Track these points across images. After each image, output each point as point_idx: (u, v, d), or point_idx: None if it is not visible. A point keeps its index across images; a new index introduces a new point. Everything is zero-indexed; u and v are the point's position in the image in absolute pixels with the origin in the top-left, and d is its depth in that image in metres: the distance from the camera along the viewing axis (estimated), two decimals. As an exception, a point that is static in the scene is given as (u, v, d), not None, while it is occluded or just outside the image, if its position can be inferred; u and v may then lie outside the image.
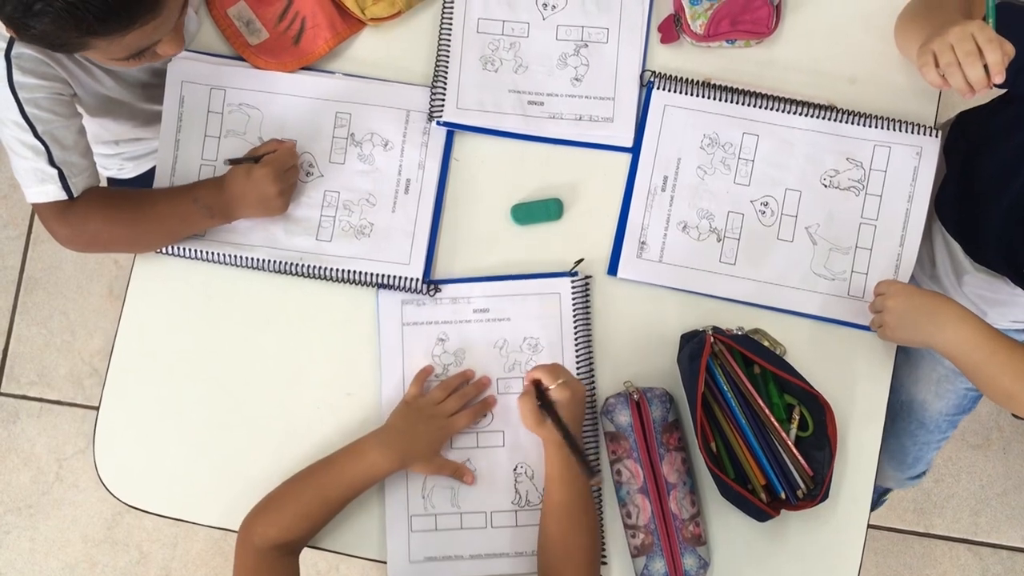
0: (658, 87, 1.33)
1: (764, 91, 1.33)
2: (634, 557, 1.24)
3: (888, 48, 1.33)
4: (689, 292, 1.31)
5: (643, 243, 1.32)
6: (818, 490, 1.20)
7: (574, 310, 1.31)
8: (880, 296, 1.24)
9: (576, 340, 1.31)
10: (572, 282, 1.32)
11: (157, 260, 1.35)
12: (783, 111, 1.32)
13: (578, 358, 1.31)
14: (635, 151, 1.33)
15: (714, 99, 1.32)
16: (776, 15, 1.33)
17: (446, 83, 1.34)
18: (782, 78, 1.34)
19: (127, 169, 1.64)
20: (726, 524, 1.27)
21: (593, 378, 1.31)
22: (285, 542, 1.20)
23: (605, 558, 1.27)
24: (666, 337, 1.30)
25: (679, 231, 1.32)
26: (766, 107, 1.32)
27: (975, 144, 1.28)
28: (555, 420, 1.18)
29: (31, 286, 2.24)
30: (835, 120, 1.31)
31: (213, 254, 1.33)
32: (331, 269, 1.33)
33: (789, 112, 1.32)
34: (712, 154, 1.32)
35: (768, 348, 1.26)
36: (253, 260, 1.33)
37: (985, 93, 1.08)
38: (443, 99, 1.34)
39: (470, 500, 1.28)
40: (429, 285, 1.33)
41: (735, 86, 1.33)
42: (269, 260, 1.33)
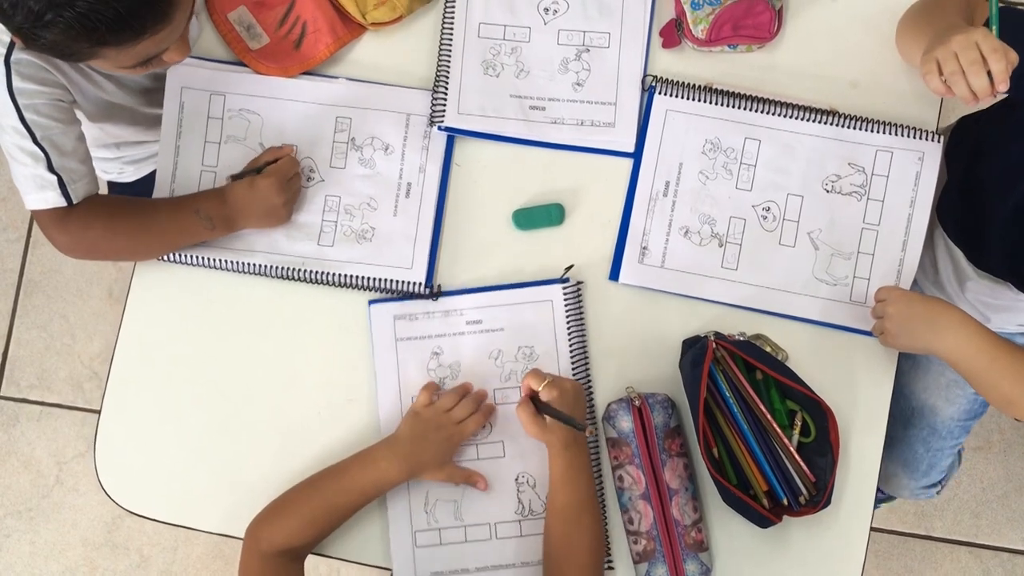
0: (660, 92, 1.33)
1: (766, 96, 1.32)
2: (636, 563, 1.24)
3: (890, 52, 1.33)
4: (691, 297, 1.31)
5: (645, 248, 1.31)
6: (820, 496, 1.20)
7: (567, 316, 1.31)
8: (880, 302, 1.24)
9: (571, 346, 1.30)
10: (564, 288, 1.31)
11: (158, 266, 1.34)
12: (785, 116, 1.31)
13: (574, 364, 1.30)
14: (637, 156, 1.33)
15: (716, 104, 1.32)
16: (778, 20, 1.33)
17: (447, 88, 1.34)
18: (784, 83, 1.34)
19: (127, 173, 1.63)
20: (728, 530, 1.27)
21: (590, 383, 1.31)
22: (291, 548, 1.20)
23: (612, 562, 1.27)
24: (668, 342, 1.30)
25: (681, 236, 1.31)
26: (768, 112, 1.32)
27: (977, 149, 1.27)
28: (548, 412, 1.18)
29: (31, 289, 2.24)
30: (837, 125, 1.31)
31: (215, 260, 1.33)
32: (333, 274, 1.32)
33: (791, 117, 1.31)
34: (714, 159, 1.32)
35: (770, 354, 1.26)
36: (255, 266, 1.33)
37: (989, 100, 1.08)
38: (444, 104, 1.33)
39: (473, 512, 1.28)
40: (432, 289, 1.32)
41: (737, 91, 1.33)
42: (271, 266, 1.33)
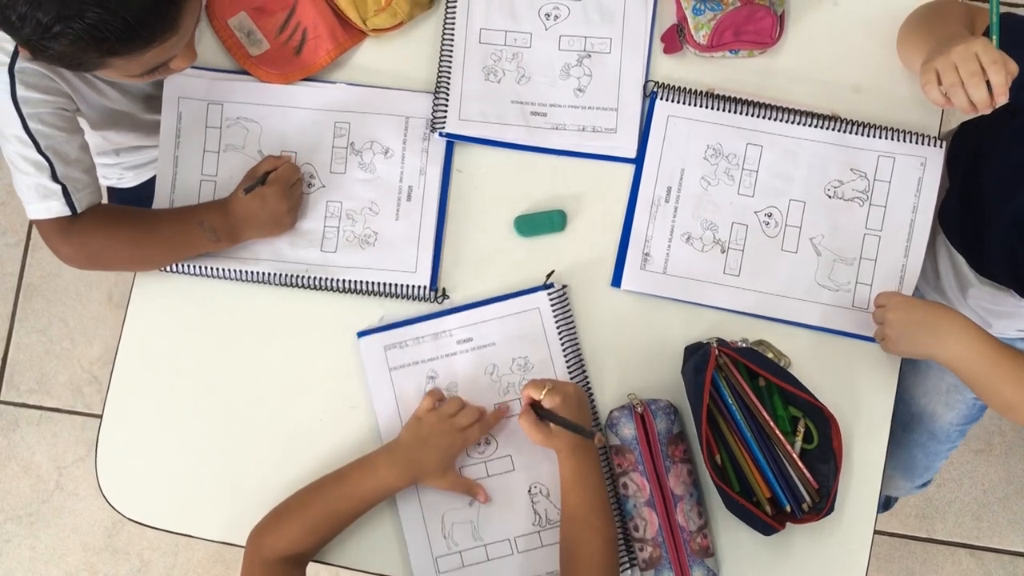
0: (661, 97, 1.32)
1: (768, 101, 1.32)
2: (642, 571, 1.24)
3: (892, 57, 1.33)
4: (693, 304, 1.31)
5: (647, 254, 1.31)
6: (823, 503, 1.20)
7: (556, 322, 1.30)
8: (881, 308, 1.24)
9: (565, 351, 1.30)
10: (549, 295, 1.31)
11: (158, 274, 1.34)
12: (787, 121, 1.31)
13: (570, 369, 1.30)
14: (638, 162, 1.33)
15: (717, 109, 1.32)
16: (779, 25, 1.32)
17: (448, 94, 1.34)
18: (786, 88, 1.34)
19: (127, 179, 1.63)
20: (733, 535, 1.27)
21: (589, 385, 1.30)
22: (294, 554, 1.20)
23: (630, 565, 1.26)
24: (670, 349, 1.29)
25: (683, 242, 1.31)
26: (770, 117, 1.31)
27: (978, 155, 1.27)
28: (554, 419, 1.18)
29: (30, 293, 2.23)
30: (839, 130, 1.31)
31: (218, 270, 1.32)
32: (337, 280, 1.32)
33: (793, 122, 1.31)
34: (716, 165, 1.32)
35: (772, 360, 1.26)
36: (258, 274, 1.32)
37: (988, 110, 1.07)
38: (445, 110, 1.33)
39: (491, 530, 1.27)
40: (437, 292, 1.32)
41: (738, 96, 1.32)
42: (274, 274, 1.32)
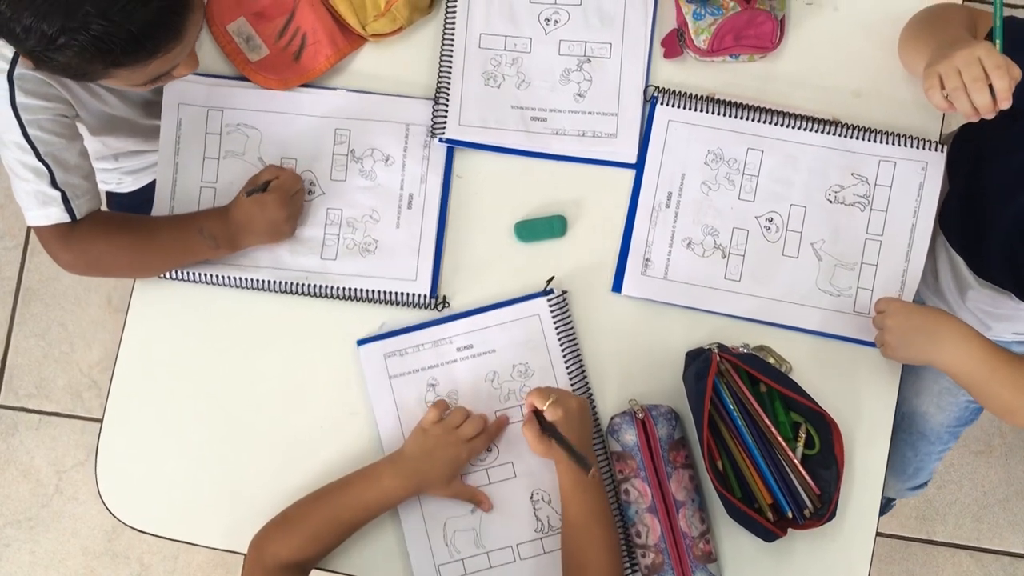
0: (662, 102, 1.32)
1: (768, 106, 1.32)
2: (643, 578, 1.24)
3: (892, 61, 1.33)
4: (694, 309, 1.30)
5: (647, 260, 1.31)
6: (825, 509, 1.19)
7: (557, 328, 1.30)
8: (880, 314, 1.23)
9: (565, 358, 1.30)
10: (549, 301, 1.30)
11: (158, 281, 1.34)
12: (787, 126, 1.31)
13: (570, 375, 1.30)
14: (639, 167, 1.33)
15: (718, 114, 1.32)
16: (780, 29, 1.32)
17: (448, 100, 1.33)
18: (786, 92, 1.34)
19: (126, 183, 1.63)
20: (735, 540, 1.26)
21: (591, 392, 1.30)
22: (295, 562, 1.20)
23: (632, 572, 1.25)
24: (671, 354, 1.29)
25: (684, 248, 1.31)
26: (770, 122, 1.31)
27: (979, 158, 1.26)
28: (554, 436, 1.17)
29: (29, 297, 2.23)
30: (840, 135, 1.30)
31: (218, 277, 1.32)
32: (337, 288, 1.32)
33: (793, 127, 1.31)
34: (716, 170, 1.32)
35: (774, 366, 1.26)
36: (259, 282, 1.32)
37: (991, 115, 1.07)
38: (445, 116, 1.33)
39: (493, 537, 1.27)
40: (437, 300, 1.32)
41: (739, 101, 1.32)
42: (274, 281, 1.32)
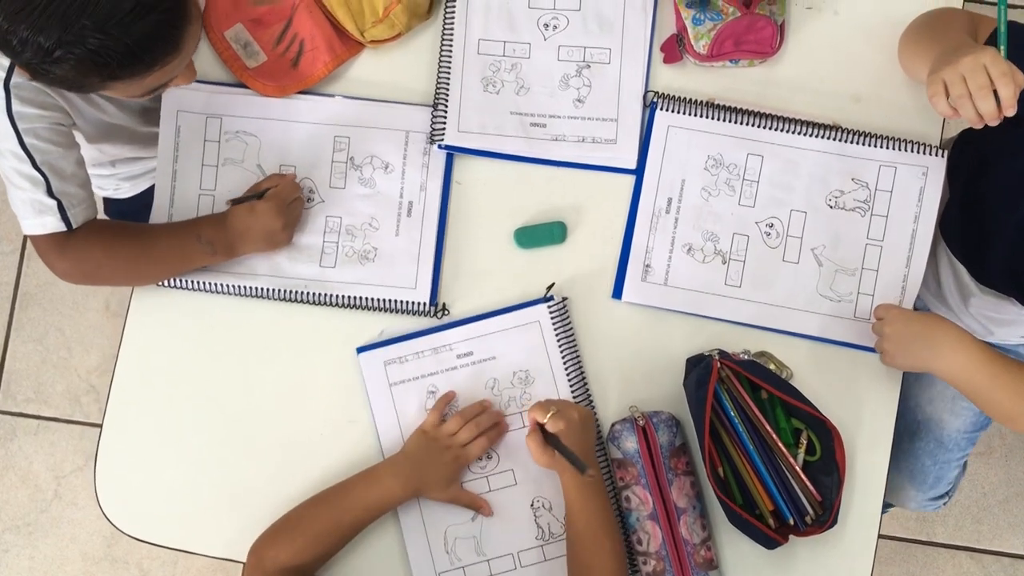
0: (661, 108, 1.32)
1: (768, 111, 1.31)
2: (645, 586, 1.24)
3: (892, 65, 1.32)
4: (694, 315, 1.30)
5: (648, 266, 1.31)
6: (827, 516, 1.19)
7: (556, 335, 1.30)
8: (879, 321, 1.23)
9: (566, 364, 1.30)
10: (549, 307, 1.30)
11: (157, 288, 1.33)
12: (787, 131, 1.31)
13: (571, 382, 1.29)
14: (639, 173, 1.32)
15: (718, 120, 1.31)
16: (780, 35, 1.32)
17: (447, 106, 1.33)
18: (786, 97, 1.33)
19: (123, 189, 1.62)
20: (737, 547, 1.26)
21: (591, 399, 1.30)
22: (296, 566, 1.19)
23: None
24: (672, 361, 1.29)
25: (684, 253, 1.31)
26: (770, 127, 1.31)
27: (980, 164, 1.26)
28: (557, 447, 1.17)
29: (26, 302, 2.22)
30: (840, 140, 1.30)
31: (216, 285, 1.32)
32: (336, 296, 1.31)
33: (793, 132, 1.30)
34: (716, 175, 1.31)
35: (775, 372, 1.26)
36: (257, 289, 1.32)
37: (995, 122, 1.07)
38: (444, 122, 1.32)
39: (494, 545, 1.27)
40: (437, 307, 1.31)
41: (739, 106, 1.32)
42: (273, 289, 1.32)
